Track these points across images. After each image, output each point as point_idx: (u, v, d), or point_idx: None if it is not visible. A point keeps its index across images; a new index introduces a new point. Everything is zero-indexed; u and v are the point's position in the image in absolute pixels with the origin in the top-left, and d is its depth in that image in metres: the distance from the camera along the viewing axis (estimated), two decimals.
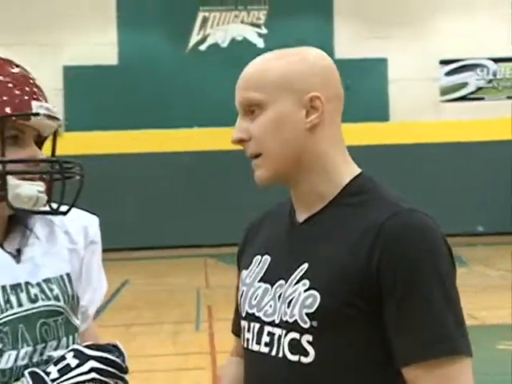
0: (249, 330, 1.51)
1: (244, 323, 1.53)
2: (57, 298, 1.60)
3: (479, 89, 19.84)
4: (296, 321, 1.40)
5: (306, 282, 1.41)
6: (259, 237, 1.61)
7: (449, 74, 19.81)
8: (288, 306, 1.42)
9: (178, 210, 18.00)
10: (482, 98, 19.78)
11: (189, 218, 17.93)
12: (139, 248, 17.27)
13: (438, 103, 19.67)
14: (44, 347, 1.56)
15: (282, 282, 1.47)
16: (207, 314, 9.63)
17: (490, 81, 19.83)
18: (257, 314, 1.50)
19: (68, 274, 1.66)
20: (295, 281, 1.43)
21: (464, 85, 19.80)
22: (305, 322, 1.39)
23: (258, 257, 1.56)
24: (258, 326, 1.49)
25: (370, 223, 1.39)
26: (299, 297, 1.41)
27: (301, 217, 1.52)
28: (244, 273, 1.58)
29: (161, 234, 17.77)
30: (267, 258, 1.54)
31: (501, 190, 18.90)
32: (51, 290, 1.60)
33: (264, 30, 19.11)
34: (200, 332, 8.54)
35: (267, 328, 1.46)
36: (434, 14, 19.40)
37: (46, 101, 1.61)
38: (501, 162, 18.83)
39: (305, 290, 1.41)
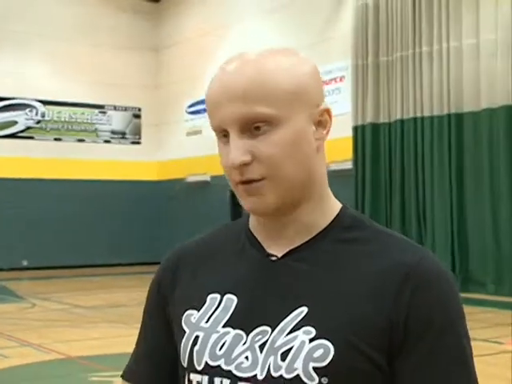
0: None
1: (201, 378, 1.21)
2: None
3: (28, 128, 19.83)
4: (298, 376, 1.12)
5: (311, 330, 1.14)
6: (207, 270, 1.30)
7: None
8: (283, 359, 1.14)
9: None
10: (31, 137, 19.80)
11: None
12: None
13: None
14: None
15: (264, 328, 1.18)
16: None
17: (39, 121, 19.95)
18: (225, 368, 1.18)
19: None
20: (290, 328, 1.15)
21: (14, 123, 19.66)
22: (311, 379, 1.11)
23: (216, 295, 1.25)
24: (227, 381, 1.18)
25: (391, 265, 1.18)
26: (302, 347, 1.13)
27: (276, 250, 1.24)
28: (193, 314, 1.25)
29: None
30: (232, 299, 1.23)
31: (53, 226, 19.21)
32: None
33: None
34: None
35: None
36: None
37: None
38: (47, 199, 19.15)
39: (310, 340, 1.13)
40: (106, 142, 21.00)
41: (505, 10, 12.92)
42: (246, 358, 1.17)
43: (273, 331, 1.16)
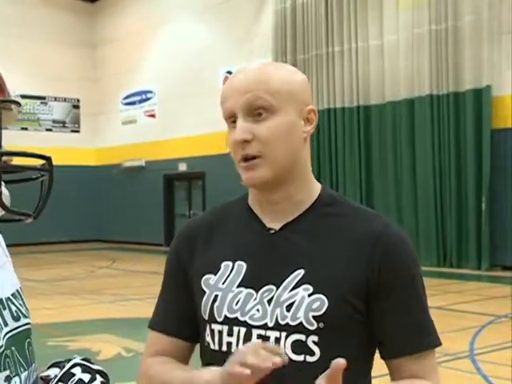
0: (231, 335, 1.34)
1: (221, 327, 1.35)
2: (27, 315, 1.30)
3: None
4: (301, 323, 1.29)
5: (308, 287, 1.30)
6: (217, 242, 1.43)
7: None
8: (288, 310, 1.30)
9: None
10: None
11: None
12: None
13: None
14: (32, 371, 1.26)
15: (270, 287, 1.33)
16: None
17: None
18: (241, 319, 1.33)
19: (20, 288, 1.35)
20: (291, 286, 1.31)
21: None
22: (311, 324, 1.29)
23: (228, 263, 1.38)
24: (244, 329, 1.32)
25: (364, 233, 1.34)
26: (303, 301, 1.30)
27: (273, 224, 1.38)
28: (211, 278, 1.39)
29: None
30: (241, 265, 1.37)
31: None
32: (21, 306, 1.30)
33: None
34: None
35: (256, 331, 1.31)
36: None
37: None
38: None
39: (309, 295, 1.30)
40: (48, 130, 20.86)
41: (405, 14, 13.53)
42: (258, 310, 1.32)
43: (277, 289, 1.32)
